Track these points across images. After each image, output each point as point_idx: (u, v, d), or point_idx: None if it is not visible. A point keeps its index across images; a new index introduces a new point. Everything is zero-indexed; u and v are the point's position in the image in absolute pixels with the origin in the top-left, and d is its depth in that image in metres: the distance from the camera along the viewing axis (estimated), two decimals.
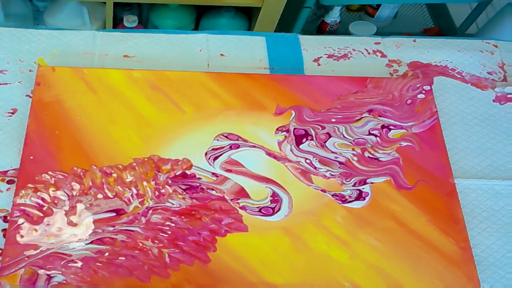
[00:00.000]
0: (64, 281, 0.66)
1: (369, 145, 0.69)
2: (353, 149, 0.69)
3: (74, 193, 0.66)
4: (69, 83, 0.71)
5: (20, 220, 0.64)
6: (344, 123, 0.71)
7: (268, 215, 0.65)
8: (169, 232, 0.64)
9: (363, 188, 0.66)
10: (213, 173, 0.67)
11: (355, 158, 0.68)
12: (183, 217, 0.65)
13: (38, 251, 0.63)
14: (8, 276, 0.66)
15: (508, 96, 0.78)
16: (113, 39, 0.80)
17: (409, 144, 0.70)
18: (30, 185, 0.66)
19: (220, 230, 0.64)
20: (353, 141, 0.69)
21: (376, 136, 0.70)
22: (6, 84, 0.74)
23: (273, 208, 0.65)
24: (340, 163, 0.68)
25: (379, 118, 0.72)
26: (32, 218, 0.66)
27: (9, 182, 0.69)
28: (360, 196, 0.65)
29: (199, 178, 0.66)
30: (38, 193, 0.66)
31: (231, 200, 0.66)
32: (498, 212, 0.68)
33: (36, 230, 0.64)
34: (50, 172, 0.66)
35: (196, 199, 0.65)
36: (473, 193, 0.70)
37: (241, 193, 0.66)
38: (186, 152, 0.67)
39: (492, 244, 0.66)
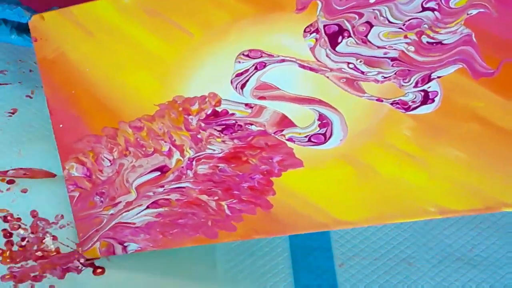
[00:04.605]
0: (139, 248, 0.73)
1: (425, 26, 0.60)
2: (405, 37, 0.61)
3: (114, 156, 0.72)
4: (62, 30, 0.73)
5: (76, 193, 0.75)
6: (386, 2, 0.62)
7: (321, 143, 0.64)
8: (221, 182, 0.69)
9: (428, 87, 0.61)
10: (246, 104, 0.66)
11: (411, 48, 0.61)
12: (229, 163, 0.68)
13: (103, 223, 0.74)
14: (89, 250, 0.74)
15: None
16: None
17: (481, 10, 0.60)
18: (71, 156, 0.74)
19: (273, 170, 0.66)
20: (403, 25, 0.61)
21: (433, 10, 0.60)
22: (6, 84, 0.88)
23: (324, 134, 0.64)
24: (393, 59, 0.61)
25: None
26: (86, 190, 0.74)
27: (9, 182, 0.82)
28: (427, 98, 0.61)
29: (233, 114, 0.67)
30: (81, 163, 0.74)
31: (274, 133, 0.65)
32: (498, 212, 0.68)
33: (93, 203, 0.74)
34: (83, 138, 0.74)
35: (237, 139, 0.67)
36: None
37: (284, 122, 0.65)
38: (209, 84, 0.68)
39: (492, 244, 0.80)
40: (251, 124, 0.66)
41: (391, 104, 0.62)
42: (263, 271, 0.80)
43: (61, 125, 0.74)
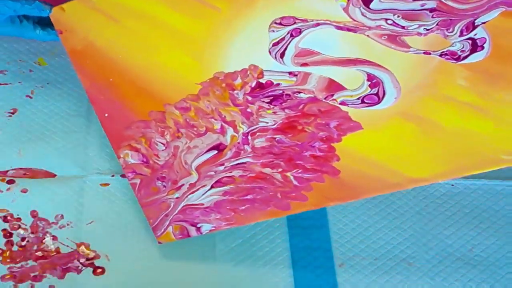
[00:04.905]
0: (213, 228, 0.85)
1: None
2: None
3: (167, 139, 0.82)
4: (86, 19, 0.81)
5: (137, 180, 0.86)
6: None
7: (375, 104, 0.71)
8: (281, 154, 0.78)
9: (475, 35, 0.65)
10: (289, 73, 0.74)
11: None
12: (285, 133, 0.77)
13: (170, 207, 0.85)
14: (162, 235, 0.87)
15: None
16: None
17: None
18: (123, 144, 0.85)
19: (332, 135, 0.74)
20: None
21: None
22: (6, 84, 0.99)
23: (376, 94, 0.71)
24: (431, 10, 0.66)
25: None
26: (146, 176, 0.85)
27: (9, 182, 0.94)
28: (476, 46, 0.66)
29: (278, 84, 0.75)
30: (135, 150, 0.84)
31: (325, 98, 0.73)
32: (498, 212, 0.94)
33: (156, 188, 0.85)
34: (132, 125, 0.83)
35: (288, 108, 0.75)
36: (473, 193, 0.97)
37: (332, 86, 0.72)
38: (248, 57, 0.75)
39: (492, 244, 0.91)
40: (299, 92, 0.72)
41: (440, 55, 0.69)
42: (263, 271, 0.90)
43: (106, 115, 0.85)
